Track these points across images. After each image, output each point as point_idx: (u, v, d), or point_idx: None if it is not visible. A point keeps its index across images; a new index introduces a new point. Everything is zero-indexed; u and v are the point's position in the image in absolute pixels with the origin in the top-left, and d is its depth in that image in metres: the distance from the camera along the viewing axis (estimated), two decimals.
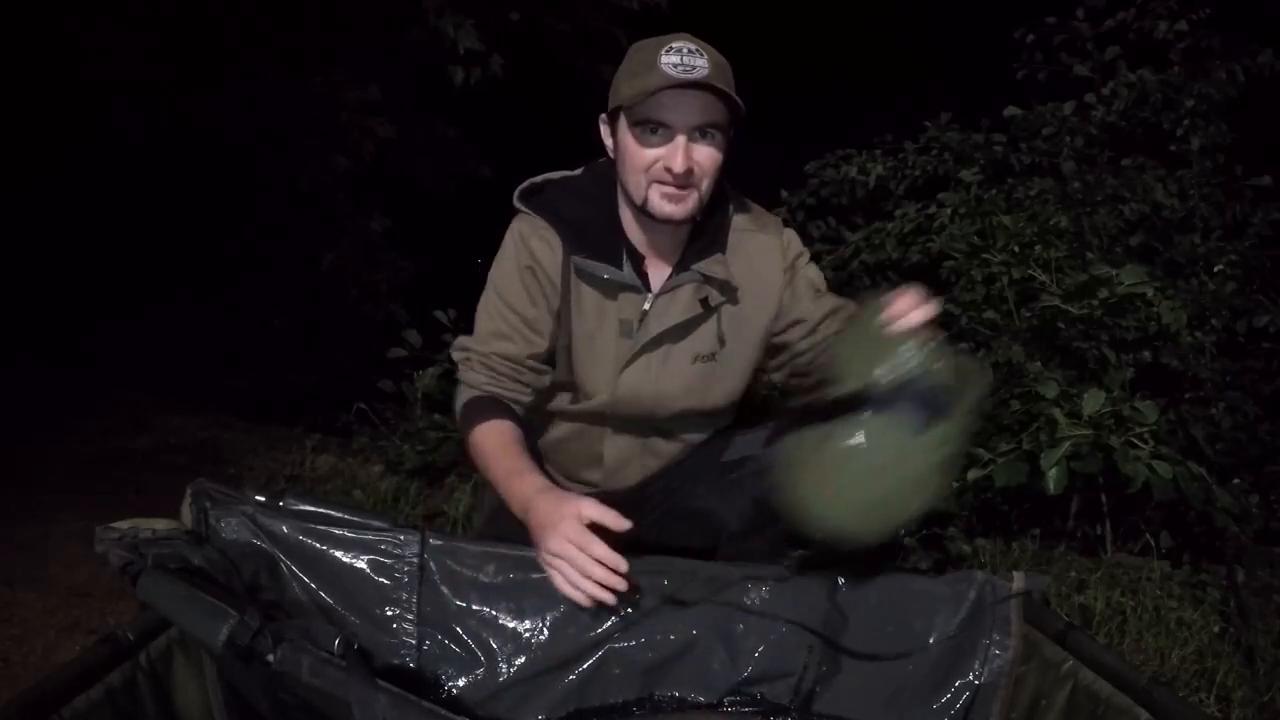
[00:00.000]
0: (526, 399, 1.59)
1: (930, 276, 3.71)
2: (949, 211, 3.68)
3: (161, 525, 1.28)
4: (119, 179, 4.88)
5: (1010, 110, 3.91)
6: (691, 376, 1.59)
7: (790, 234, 1.64)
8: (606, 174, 1.55)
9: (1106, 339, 2.69)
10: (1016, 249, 3.16)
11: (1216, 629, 2.09)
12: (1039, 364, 2.72)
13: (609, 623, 1.45)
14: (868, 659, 1.47)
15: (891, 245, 3.83)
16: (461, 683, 1.43)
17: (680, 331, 1.56)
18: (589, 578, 1.30)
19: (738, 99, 1.39)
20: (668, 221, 1.46)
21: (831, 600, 1.48)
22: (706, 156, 1.42)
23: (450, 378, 2.55)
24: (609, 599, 1.31)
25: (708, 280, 1.53)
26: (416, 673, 1.41)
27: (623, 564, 1.30)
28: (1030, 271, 2.95)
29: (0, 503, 2.65)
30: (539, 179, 1.60)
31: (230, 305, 5.28)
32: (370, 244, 5.26)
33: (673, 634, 1.46)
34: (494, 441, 1.50)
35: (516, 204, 1.57)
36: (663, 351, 1.57)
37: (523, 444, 1.51)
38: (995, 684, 1.43)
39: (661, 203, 1.44)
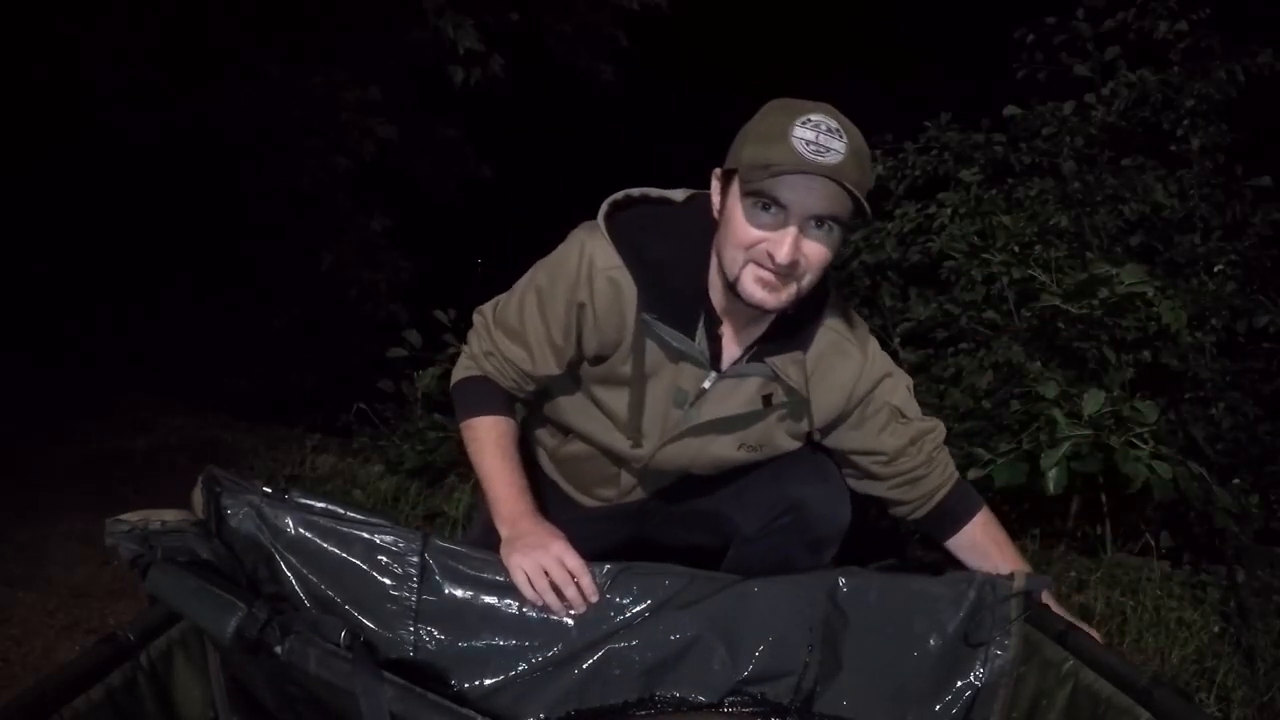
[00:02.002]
0: (523, 398, 1.60)
1: (930, 276, 3.72)
2: (949, 211, 3.68)
3: (171, 516, 1.28)
4: (119, 179, 4.88)
5: (1010, 110, 3.90)
6: (732, 460, 1.54)
7: (875, 358, 1.51)
8: (709, 219, 1.39)
9: (1106, 339, 2.69)
10: (1016, 249, 3.16)
11: (1216, 629, 2.09)
12: (1039, 364, 2.72)
13: (609, 623, 1.46)
14: (868, 659, 1.47)
15: (891, 245, 3.83)
16: (461, 681, 1.43)
17: (734, 423, 1.49)
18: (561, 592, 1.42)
19: (864, 201, 1.25)
20: (756, 308, 1.33)
21: (832, 600, 1.48)
22: (816, 251, 1.28)
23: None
24: (573, 610, 1.43)
25: (777, 377, 1.43)
26: (416, 670, 1.41)
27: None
28: (1030, 271, 2.95)
29: (0, 503, 2.65)
30: (636, 192, 1.46)
31: (230, 305, 5.28)
32: (370, 244, 5.27)
33: (673, 634, 1.46)
34: (494, 441, 1.51)
35: (601, 220, 1.43)
36: (712, 435, 1.50)
37: (516, 445, 1.54)
38: (996, 684, 1.43)
39: (754, 287, 1.30)
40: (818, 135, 1.23)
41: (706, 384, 1.45)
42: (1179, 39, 3.70)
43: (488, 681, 1.43)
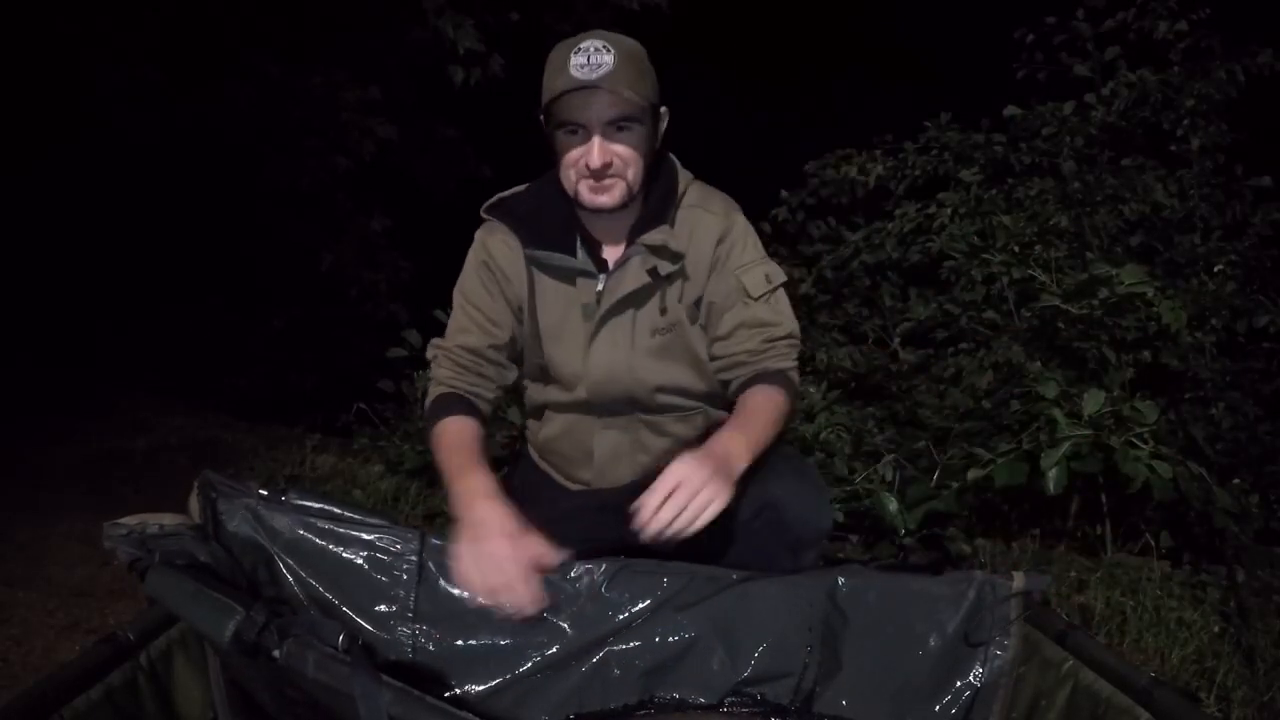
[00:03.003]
0: (490, 394, 1.64)
1: (930, 276, 3.72)
2: (949, 211, 3.68)
3: (169, 520, 1.29)
4: (119, 179, 4.87)
5: (1010, 110, 3.91)
6: (656, 349, 1.61)
7: (738, 225, 1.60)
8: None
9: (1106, 339, 2.70)
10: (1016, 249, 3.16)
11: (1216, 629, 2.09)
12: (1039, 364, 2.72)
13: (609, 624, 1.46)
14: (868, 659, 1.47)
15: (891, 245, 3.84)
16: (459, 683, 1.43)
17: (632, 302, 1.58)
18: (498, 590, 1.33)
19: (635, 95, 1.42)
20: (599, 211, 1.51)
21: (832, 600, 1.48)
22: (624, 148, 1.47)
23: None
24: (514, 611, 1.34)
25: (653, 251, 1.55)
26: (414, 672, 1.41)
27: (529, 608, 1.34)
28: (1030, 271, 2.96)
29: (0, 503, 2.65)
30: (508, 193, 1.66)
31: (230, 305, 5.28)
32: (370, 244, 5.26)
33: (672, 635, 1.46)
34: (451, 437, 1.54)
35: (482, 213, 1.64)
36: (625, 326, 1.60)
37: (479, 443, 1.55)
38: (995, 684, 1.43)
39: (590, 195, 1.49)
40: (588, 57, 1.43)
41: (600, 286, 1.59)
42: (1179, 39, 3.70)
43: (487, 684, 1.43)
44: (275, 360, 5.28)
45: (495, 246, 1.61)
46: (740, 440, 1.42)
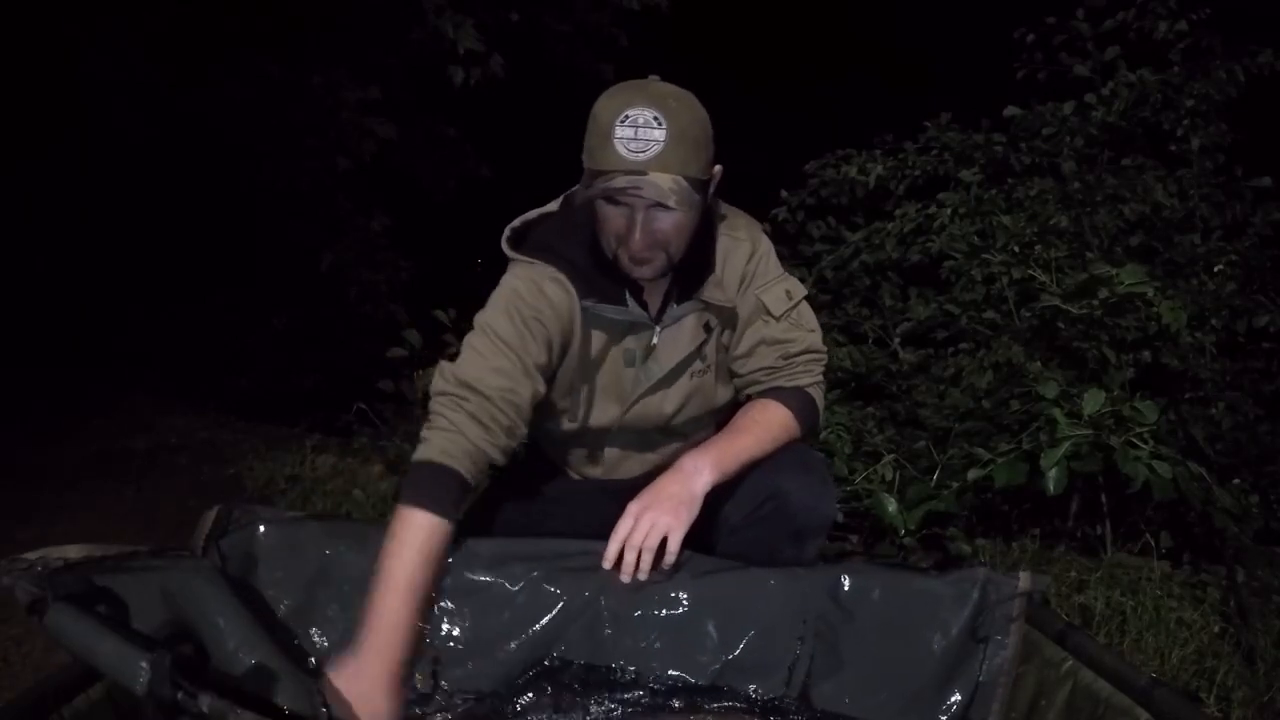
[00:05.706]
0: (501, 454, 1.45)
1: (930, 276, 3.72)
2: (949, 211, 3.68)
3: (74, 552, 1.17)
4: (119, 179, 4.88)
5: (1010, 110, 3.90)
6: (691, 390, 1.61)
7: (761, 245, 1.59)
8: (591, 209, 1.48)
9: (1106, 339, 2.69)
10: (1016, 249, 3.16)
11: (1216, 629, 2.09)
12: (1039, 364, 2.72)
13: (605, 581, 1.47)
14: (869, 656, 1.47)
15: (891, 245, 3.83)
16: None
17: (688, 361, 1.57)
18: None
19: (684, 180, 1.33)
20: (639, 280, 1.47)
21: (833, 597, 1.48)
22: (669, 224, 1.38)
23: None
24: None
25: (708, 307, 1.53)
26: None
27: None
28: (1030, 271, 2.95)
29: (1, 503, 2.66)
30: (517, 222, 1.55)
31: (230, 305, 5.29)
32: (370, 244, 5.26)
33: (667, 605, 1.46)
34: (412, 550, 1.32)
35: (511, 253, 1.52)
36: (671, 377, 1.58)
37: (435, 565, 1.36)
38: (994, 683, 1.43)
39: (629, 265, 1.43)
40: (636, 131, 1.32)
41: (655, 340, 1.54)
42: (1179, 39, 3.70)
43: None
44: (275, 360, 5.29)
45: (555, 295, 1.48)
46: (708, 458, 1.49)
